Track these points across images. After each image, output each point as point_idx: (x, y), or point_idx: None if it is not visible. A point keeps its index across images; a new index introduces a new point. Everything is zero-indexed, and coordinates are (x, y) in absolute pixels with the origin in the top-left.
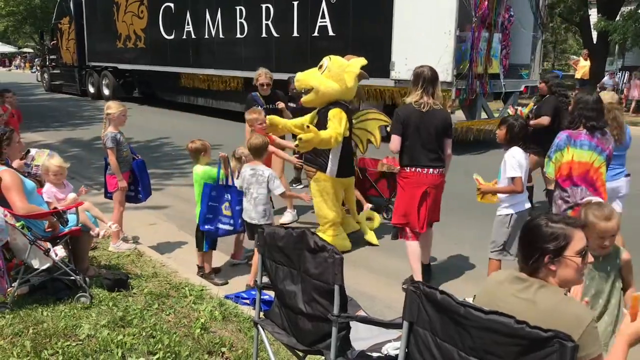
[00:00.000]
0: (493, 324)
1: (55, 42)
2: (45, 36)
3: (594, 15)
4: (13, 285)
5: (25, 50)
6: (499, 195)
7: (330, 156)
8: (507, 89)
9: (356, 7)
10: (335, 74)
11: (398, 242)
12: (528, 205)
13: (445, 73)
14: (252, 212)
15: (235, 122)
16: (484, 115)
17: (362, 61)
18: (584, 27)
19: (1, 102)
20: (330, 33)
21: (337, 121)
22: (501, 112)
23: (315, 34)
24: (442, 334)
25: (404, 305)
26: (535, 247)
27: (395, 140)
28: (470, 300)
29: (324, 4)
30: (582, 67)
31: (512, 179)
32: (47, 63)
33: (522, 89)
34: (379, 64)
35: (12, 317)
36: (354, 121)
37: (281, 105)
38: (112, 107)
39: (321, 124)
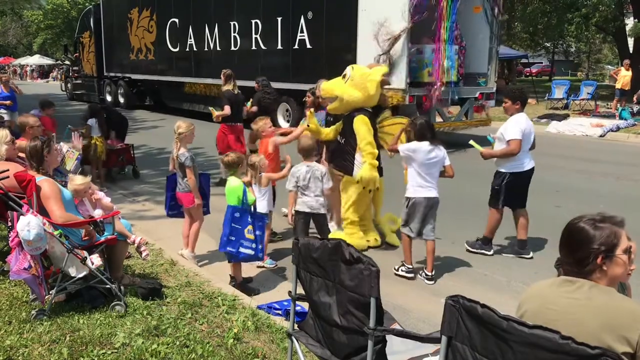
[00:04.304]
0: (537, 339)
1: (77, 54)
2: (68, 49)
3: (630, 25)
4: (51, 292)
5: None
6: None
7: (355, 160)
8: (461, 95)
9: (328, 22)
10: (358, 82)
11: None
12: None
13: (400, 81)
14: (313, 203)
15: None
16: (439, 119)
17: (384, 69)
18: (620, 37)
19: (45, 113)
20: (308, 46)
21: (364, 131)
22: (456, 115)
23: (296, 46)
24: (482, 349)
25: (442, 319)
26: (587, 249)
27: None
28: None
29: (302, 20)
30: (623, 76)
31: None
32: (70, 74)
33: (477, 95)
34: None
35: (50, 324)
36: (382, 124)
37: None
38: (183, 127)
39: (346, 130)
